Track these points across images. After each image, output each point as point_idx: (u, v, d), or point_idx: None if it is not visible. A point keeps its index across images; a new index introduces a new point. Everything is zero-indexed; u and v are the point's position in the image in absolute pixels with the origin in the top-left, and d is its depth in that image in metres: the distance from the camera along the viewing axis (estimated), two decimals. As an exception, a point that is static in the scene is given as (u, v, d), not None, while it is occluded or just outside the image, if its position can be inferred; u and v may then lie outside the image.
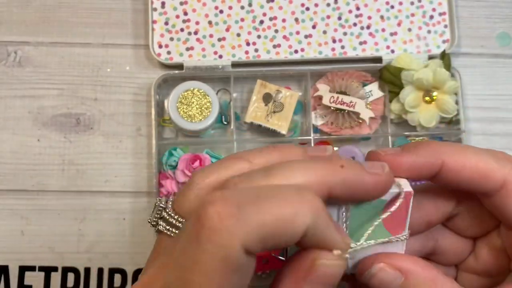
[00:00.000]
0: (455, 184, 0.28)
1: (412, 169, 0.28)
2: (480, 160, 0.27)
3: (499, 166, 0.27)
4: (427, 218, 0.30)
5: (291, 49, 0.59)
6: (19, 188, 0.56)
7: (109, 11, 0.60)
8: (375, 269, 0.27)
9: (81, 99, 0.58)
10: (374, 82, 0.58)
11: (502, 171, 0.27)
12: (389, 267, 0.27)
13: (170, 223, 0.26)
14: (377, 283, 0.27)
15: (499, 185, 0.27)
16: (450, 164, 0.27)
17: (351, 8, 0.60)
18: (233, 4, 0.59)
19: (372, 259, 0.28)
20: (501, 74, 0.61)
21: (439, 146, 0.28)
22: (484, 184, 0.27)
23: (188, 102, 0.55)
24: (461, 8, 0.62)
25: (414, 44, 0.60)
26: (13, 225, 0.56)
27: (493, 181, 0.27)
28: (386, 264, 0.27)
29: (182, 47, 0.58)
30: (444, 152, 0.28)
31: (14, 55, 0.59)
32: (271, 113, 0.57)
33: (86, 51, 0.59)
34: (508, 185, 0.27)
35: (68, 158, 0.57)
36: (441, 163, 0.28)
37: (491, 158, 0.28)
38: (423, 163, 0.28)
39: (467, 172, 0.27)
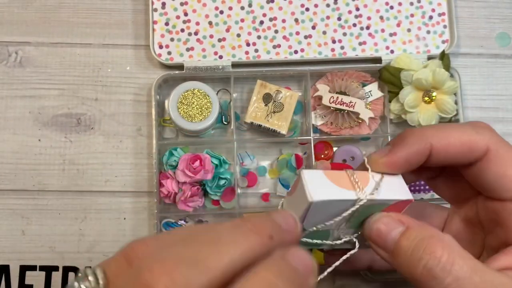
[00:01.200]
0: (444, 161, 0.30)
1: (408, 162, 0.30)
2: (463, 134, 0.30)
3: (480, 136, 0.30)
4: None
5: (291, 50, 0.59)
6: (20, 188, 0.57)
7: (110, 12, 0.60)
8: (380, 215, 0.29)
9: (81, 99, 0.58)
10: (374, 82, 0.59)
11: (483, 140, 0.30)
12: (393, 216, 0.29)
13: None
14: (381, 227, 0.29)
15: (482, 153, 0.30)
16: (437, 144, 0.30)
17: (350, 9, 0.60)
18: (233, 4, 0.59)
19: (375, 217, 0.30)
20: (500, 74, 0.61)
21: (424, 131, 0.30)
22: (469, 155, 0.30)
23: (188, 102, 0.55)
24: (461, 8, 0.62)
25: (414, 44, 0.60)
26: (13, 225, 0.56)
27: (477, 151, 0.30)
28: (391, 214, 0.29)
29: (183, 47, 0.58)
30: (429, 135, 0.30)
31: (15, 55, 0.59)
32: (271, 113, 0.57)
33: (86, 51, 0.59)
34: (490, 151, 0.30)
35: (68, 158, 0.57)
36: (430, 146, 0.30)
37: (472, 130, 0.30)
38: (415, 152, 0.30)
39: (454, 148, 0.30)
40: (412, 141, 0.30)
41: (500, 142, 0.31)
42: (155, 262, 0.23)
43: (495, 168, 0.30)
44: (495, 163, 0.30)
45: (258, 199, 0.57)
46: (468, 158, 0.30)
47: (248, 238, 0.24)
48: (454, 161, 0.31)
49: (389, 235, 0.29)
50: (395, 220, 0.29)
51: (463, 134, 0.30)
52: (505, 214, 0.30)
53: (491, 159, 0.30)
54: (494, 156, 0.30)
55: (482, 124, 0.32)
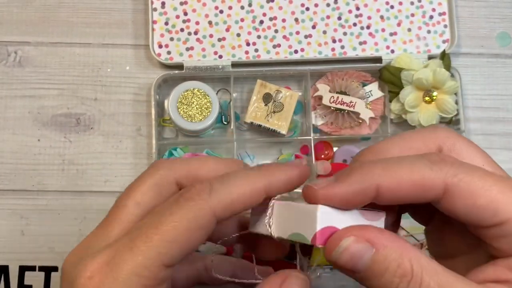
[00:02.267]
0: (397, 201, 0.28)
1: (346, 200, 0.28)
2: (414, 172, 0.26)
3: (435, 172, 0.26)
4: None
5: (291, 49, 0.59)
6: (19, 188, 0.57)
7: (109, 11, 0.60)
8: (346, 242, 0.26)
9: (81, 99, 0.58)
10: (374, 82, 0.58)
11: (439, 177, 0.26)
12: (359, 239, 0.26)
13: None
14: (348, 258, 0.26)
15: (441, 192, 0.26)
16: (384, 185, 0.27)
17: (351, 8, 0.60)
18: (233, 4, 0.59)
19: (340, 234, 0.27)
20: (501, 74, 0.61)
21: (372, 168, 0.27)
22: (425, 195, 0.27)
23: (188, 102, 0.55)
24: (461, 8, 0.62)
25: (414, 44, 0.60)
26: (13, 225, 0.56)
27: (433, 190, 0.26)
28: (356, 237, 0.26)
29: (182, 47, 0.58)
30: (376, 174, 0.27)
31: (14, 55, 0.59)
32: (271, 113, 0.57)
33: (86, 51, 0.59)
34: (450, 189, 0.26)
35: (68, 158, 0.57)
36: (375, 186, 0.27)
37: (426, 166, 0.27)
38: (356, 191, 0.27)
39: (404, 189, 0.27)
40: (355, 178, 0.27)
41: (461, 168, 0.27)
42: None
43: (463, 202, 0.26)
44: (460, 197, 0.26)
45: (258, 199, 0.57)
46: (425, 198, 0.27)
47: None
48: (408, 201, 0.27)
49: (359, 262, 0.27)
50: (364, 245, 0.27)
51: (414, 172, 0.27)
52: (489, 235, 0.27)
53: (454, 194, 0.26)
54: (457, 191, 0.26)
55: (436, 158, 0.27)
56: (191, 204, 0.28)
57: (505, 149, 0.60)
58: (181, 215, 0.27)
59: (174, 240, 0.27)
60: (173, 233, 0.27)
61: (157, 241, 0.27)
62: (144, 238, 0.27)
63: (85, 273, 0.27)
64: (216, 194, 0.28)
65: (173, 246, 0.27)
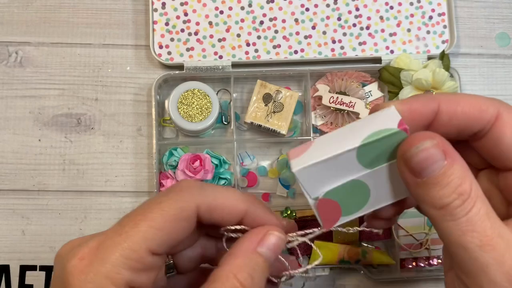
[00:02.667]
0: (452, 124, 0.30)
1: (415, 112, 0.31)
2: (473, 98, 0.30)
3: (490, 101, 0.30)
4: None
5: (291, 50, 0.59)
6: (20, 188, 0.57)
7: (110, 12, 0.60)
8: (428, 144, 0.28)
9: (81, 99, 0.59)
10: (374, 82, 0.59)
11: (493, 105, 0.30)
12: (438, 146, 0.28)
13: None
14: (423, 158, 0.28)
15: (493, 117, 0.29)
16: (445, 103, 0.30)
17: (350, 9, 0.60)
18: (233, 5, 0.59)
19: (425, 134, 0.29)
20: (500, 74, 0.61)
21: (434, 94, 0.31)
22: (479, 118, 0.30)
23: (188, 102, 0.56)
24: (460, 8, 0.62)
25: (414, 44, 0.60)
26: (14, 225, 0.56)
27: (487, 114, 0.29)
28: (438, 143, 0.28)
29: (183, 47, 0.59)
30: (439, 96, 0.30)
31: (15, 55, 0.59)
32: (271, 113, 0.57)
33: (87, 51, 0.59)
34: (501, 116, 0.29)
35: (68, 158, 0.57)
36: (438, 104, 0.30)
37: (481, 97, 0.30)
38: (421, 106, 0.30)
39: (463, 109, 0.30)
40: (421, 97, 0.31)
41: (510, 109, 0.30)
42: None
43: (510, 133, 0.30)
44: (509, 127, 0.29)
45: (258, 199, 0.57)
46: (478, 122, 0.30)
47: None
48: (463, 125, 0.30)
49: (430, 166, 0.28)
50: (440, 152, 0.28)
51: (473, 98, 0.30)
52: None
53: (503, 123, 0.29)
54: (506, 121, 0.29)
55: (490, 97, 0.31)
56: (179, 196, 0.30)
57: (504, 149, 0.60)
58: (169, 205, 0.29)
59: (161, 227, 0.29)
60: (160, 220, 0.29)
61: (144, 227, 0.29)
62: (132, 224, 0.29)
63: (77, 255, 0.28)
64: (204, 194, 0.31)
65: (159, 233, 0.29)
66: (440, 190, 0.28)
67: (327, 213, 0.32)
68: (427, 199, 0.29)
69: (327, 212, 0.32)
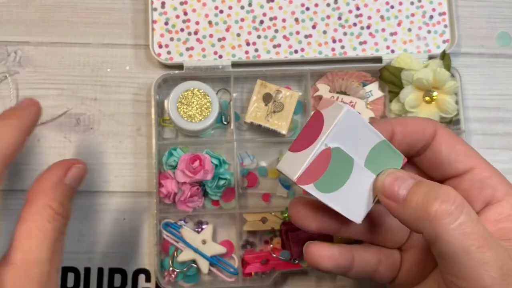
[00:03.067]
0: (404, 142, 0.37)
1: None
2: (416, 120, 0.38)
3: (429, 122, 0.38)
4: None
5: (291, 49, 0.59)
6: (19, 188, 0.56)
7: (109, 11, 0.60)
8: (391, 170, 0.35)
9: (81, 99, 0.58)
10: (374, 82, 0.58)
11: (432, 124, 0.37)
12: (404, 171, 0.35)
13: None
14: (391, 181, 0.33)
15: (432, 134, 0.37)
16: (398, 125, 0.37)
17: (351, 8, 0.60)
18: (233, 4, 0.59)
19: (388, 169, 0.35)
20: (501, 74, 0.61)
21: (390, 119, 0.39)
22: (422, 136, 0.37)
23: (188, 102, 0.55)
24: (461, 8, 0.62)
25: (414, 44, 0.60)
26: (13, 226, 0.56)
27: (428, 132, 0.37)
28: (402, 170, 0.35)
29: (182, 47, 0.58)
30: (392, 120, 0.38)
31: (14, 55, 0.59)
32: (271, 113, 0.57)
33: (86, 51, 0.59)
34: (438, 132, 0.37)
35: (68, 158, 0.57)
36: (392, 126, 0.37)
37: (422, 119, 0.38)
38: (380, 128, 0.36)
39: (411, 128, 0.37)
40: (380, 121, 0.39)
41: (443, 127, 0.38)
42: None
43: (445, 144, 0.37)
44: (444, 140, 0.37)
45: (258, 199, 0.57)
46: (422, 138, 0.37)
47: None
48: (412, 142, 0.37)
49: (402, 185, 0.33)
50: (407, 174, 0.34)
51: (416, 120, 0.38)
52: (466, 186, 0.36)
53: (440, 138, 0.37)
54: (442, 136, 0.37)
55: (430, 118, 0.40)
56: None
57: (506, 149, 0.60)
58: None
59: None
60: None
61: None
62: None
63: None
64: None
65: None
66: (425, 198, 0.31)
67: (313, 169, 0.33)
68: (419, 211, 0.31)
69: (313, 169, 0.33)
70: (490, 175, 0.36)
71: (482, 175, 0.36)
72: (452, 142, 0.37)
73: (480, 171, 0.36)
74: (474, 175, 0.36)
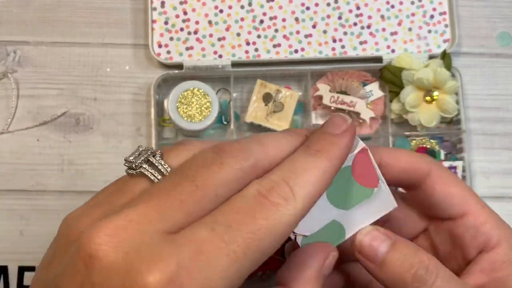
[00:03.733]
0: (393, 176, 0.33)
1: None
2: (409, 155, 0.34)
3: (423, 159, 0.34)
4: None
5: (291, 49, 0.59)
6: (19, 188, 0.56)
7: (109, 11, 0.60)
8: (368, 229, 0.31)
9: (80, 99, 0.58)
10: (375, 82, 0.58)
11: (426, 163, 0.34)
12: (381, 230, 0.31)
13: (157, 169, 0.26)
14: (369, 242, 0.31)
15: (425, 173, 0.33)
16: (386, 157, 0.33)
17: (351, 8, 0.60)
18: (233, 3, 0.59)
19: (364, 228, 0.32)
20: (501, 74, 0.61)
21: (377, 148, 0.34)
22: (414, 174, 0.34)
23: (188, 102, 0.55)
24: (462, 7, 0.61)
25: (415, 43, 0.60)
26: (12, 225, 0.56)
27: (420, 170, 0.33)
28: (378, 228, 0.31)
29: (182, 46, 0.58)
30: (381, 151, 0.34)
31: (14, 55, 0.59)
32: (271, 113, 0.56)
33: (85, 50, 0.59)
34: (432, 172, 0.33)
35: (67, 158, 0.57)
36: (380, 157, 0.33)
37: (416, 154, 0.34)
38: None
39: (401, 164, 0.33)
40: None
41: (440, 165, 0.35)
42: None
43: (439, 187, 0.33)
44: (438, 182, 0.33)
45: (258, 200, 0.57)
46: (414, 177, 0.34)
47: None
48: (401, 178, 0.34)
49: (379, 248, 0.31)
50: (384, 234, 0.31)
51: (409, 155, 0.34)
52: (459, 231, 0.34)
53: (434, 179, 0.33)
54: (436, 177, 0.33)
55: (424, 155, 0.35)
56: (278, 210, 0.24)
57: (506, 149, 0.59)
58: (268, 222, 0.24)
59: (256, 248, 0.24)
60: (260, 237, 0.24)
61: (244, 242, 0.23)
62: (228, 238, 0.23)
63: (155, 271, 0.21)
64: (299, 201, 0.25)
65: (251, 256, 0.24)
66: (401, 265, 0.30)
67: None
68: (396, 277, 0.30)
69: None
70: (485, 220, 0.34)
71: (476, 221, 0.34)
72: (447, 184, 0.34)
73: (474, 217, 0.34)
74: (468, 221, 0.34)
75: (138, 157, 0.27)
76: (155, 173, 0.25)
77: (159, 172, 0.25)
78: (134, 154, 0.27)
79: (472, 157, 0.59)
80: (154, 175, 0.25)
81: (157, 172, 0.26)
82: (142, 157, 0.26)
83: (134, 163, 0.26)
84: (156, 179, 0.25)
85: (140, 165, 0.26)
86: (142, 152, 0.27)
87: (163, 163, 0.26)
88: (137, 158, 0.27)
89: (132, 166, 0.27)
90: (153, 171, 0.26)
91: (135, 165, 0.26)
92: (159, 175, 0.25)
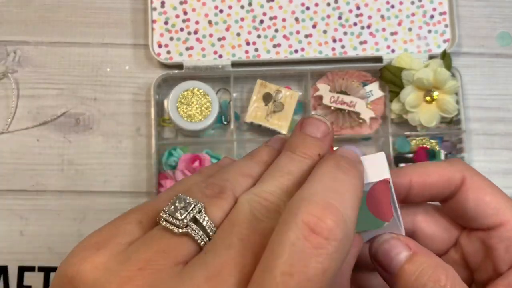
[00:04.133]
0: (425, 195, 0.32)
1: None
2: (439, 168, 0.32)
3: (455, 167, 0.32)
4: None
5: (291, 49, 0.59)
6: (18, 188, 0.56)
7: (109, 11, 0.60)
8: (388, 236, 0.30)
9: (80, 99, 0.58)
10: (375, 82, 0.58)
11: (459, 171, 0.32)
12: (401, 239, 0.30)
13: (202, 227, 0.24)
14: (388, 249, 0.30)
15: (459, 183, 0.31)
16: (417, 179, 0.31)
17: (351, 8, 0.60)
18: (233, 3, 0.59)
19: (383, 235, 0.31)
20: (501, 74, 0.61)
21: (404, 169, 0.32)
22: (448, 186, 0.32)
23: (188, 102, 0.55)
24: (462, 7, 0.61)
25: (415, 43, 0.59)
26: (12, 225, 0.56)
27: (454, 181, 0.32)
28: (399, 237, 0.30)
29: (182, 46, 0.58)
30: (409, 171, 0.32)
31: (14, 55, 0.59)
32: (271, 113, 0.56)
33: (85, 50, 0.59)
34: (466, 180, 0.31)
35: (67, 158, 0.57)
36: (409, 180, 0.31)
37: (447, 164, 0.32)
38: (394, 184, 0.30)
39: (432, 181, 0.32)
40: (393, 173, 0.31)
41: (473, 171, 0.32)
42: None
43: (473, 196, 0.32)
44: (472, 191, 0.32)
45: (258, 200, 0.57)
46: (447, 189, 0.32)
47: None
48: (434, 194, 0.32)
49: (395, 257, 0.30)
50: (403, 244, 0.30)
51: (439, 168, 0.32)
52: (492, 242, 0.32)
53: (468, 188, 0.32)
54: (470, 185, 0.32)
55: (456, 159, 0.33)
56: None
57: (506, 149, 0.59)
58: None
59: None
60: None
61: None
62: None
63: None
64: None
65: None
66: (416, 280, 0.29)
67: None
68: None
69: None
70: None
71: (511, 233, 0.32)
72: (481, 192, 0.32)
73: (509, 228, 0.32)
74: (502, 232, 0.32)
75: (182, 213, 0.24)
76: (202, 235, 0.23)
77: (204, 231, 0.24)
78: (177, 209, 0.24)
79: (472, 157, 0.59)
80: (201, 238, 0.23)
81: (203, 233, 0.24)
82: (188, 215, 0.24)
83: (181, 220, 0.24)
84: (202, 241, 0.23)
85: (187, 223, 0.24)
86: (186, 206, 0.24)
87: (207, 219, 0.24)
88: (182, 214, 0.24)
89: (177, 223, 0.24)
90: (200, 232, 0.24)
91: (182, 222, 0.24)
92: (206, 236, 0.24)
